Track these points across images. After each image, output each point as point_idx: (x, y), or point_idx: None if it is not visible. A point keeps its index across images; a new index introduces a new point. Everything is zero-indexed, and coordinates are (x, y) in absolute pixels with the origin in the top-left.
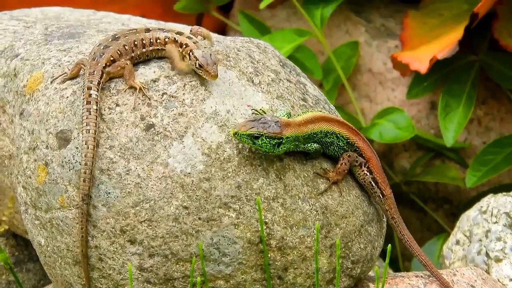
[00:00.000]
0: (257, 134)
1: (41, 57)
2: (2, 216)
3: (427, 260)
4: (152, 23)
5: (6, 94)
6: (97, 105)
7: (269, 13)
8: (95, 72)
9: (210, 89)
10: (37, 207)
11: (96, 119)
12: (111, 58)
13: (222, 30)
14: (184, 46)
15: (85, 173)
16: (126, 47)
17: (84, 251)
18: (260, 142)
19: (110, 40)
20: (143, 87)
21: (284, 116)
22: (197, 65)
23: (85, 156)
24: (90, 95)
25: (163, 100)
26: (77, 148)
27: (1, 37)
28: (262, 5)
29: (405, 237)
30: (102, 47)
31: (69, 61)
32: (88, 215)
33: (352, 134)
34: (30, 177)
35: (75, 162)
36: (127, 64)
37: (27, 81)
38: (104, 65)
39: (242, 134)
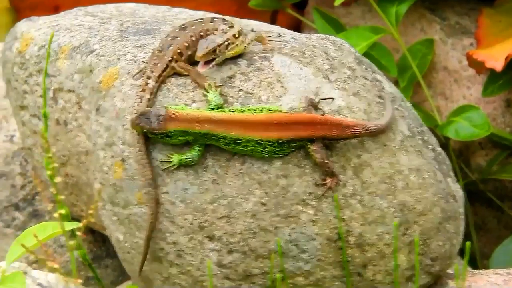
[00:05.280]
0: (143, 130)
1: (116, 53)
2: (80, 211)
3: None
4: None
5: (82, 90)
6: (150, 95)
7: (344, 10)
8: (159, 64)
9: (286, 85)
10: (115, 203)
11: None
12: (178, 51)
13: (297, 27)
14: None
15: (142, 159)
16: (193, 38)
17: (148, 235)
18: (149, 134)
19: (177, 30)
20: (214, 85)
21: (212, 108)
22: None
23: (137, 143)
24: (146, 83)
25: (240, 97)
26: (153, 144)
27: (77, 33)
28: (337, 3)
29: None
30: (169, 38)
31: (144, 57)
32: (166, 211)
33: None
34: (107, 173)
35: (151, 158)
36: (190, 70)
37: (102, 77)
38: (170, 58)
39: (133, 129)
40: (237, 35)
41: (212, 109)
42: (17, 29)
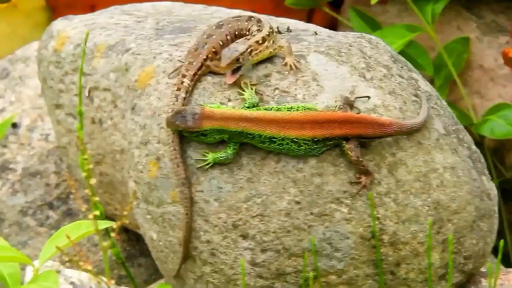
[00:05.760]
0: (178, 128)
1: (152, 51)
2: (114, 210)
3: None
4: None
5: (118, 88)
6: (186, 94)
7: (380, 9)
8: (194, 63)
9: (322, 84)
10: (149, 201)
11: (181, 107)
12: (213, 50)
13: (333, 25)
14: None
15: (175, 158)
16: (228, 37)
17: (186, 236)
18: (184, 133)
19: (214, 28)
20: (250, 83)
21: (247, 106)
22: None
23: (172, 142)
24: (182, 82)
25: (275, 95)
26: (188, 143)
27: (112, 31)
28: (373, 1)
29: None
30: (205, 36)
31: (180, 56)
32: (200, 209)
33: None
34: (142, 172)
35: (186, 157)
36: (223, 67)
37: (138, 75)
38: (205, 57)
39: (169, 128)
40: (260, 41)
41: (248, 107)
42: (53, 27)
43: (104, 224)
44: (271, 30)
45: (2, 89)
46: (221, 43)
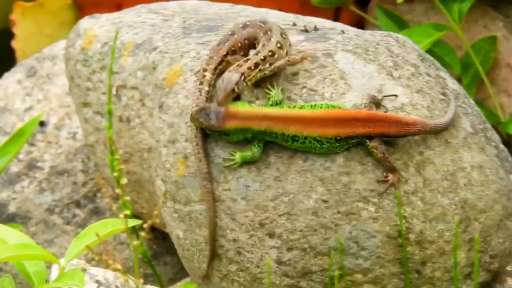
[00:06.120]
0: (202, 126)
1: (179, 50)
2: (141, 208)
3: None
4: (289, 17)
5: (145, 87)
6: (209, 87)
7: (407, 7)
8: (214, 58)
9: (350, 82)
10: (176, 200)
11: (206, 101)
12: (232, 48)
13: (360, 24)
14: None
15: (198, 153)
16: (247, 41)
17: (212, 232)
18: (208, 131)
19: (240, 26)
20: (272, 84)
21: (270, 104)
22: None
23: (195, 137)
24: (204, 76)
25: (303, 94)
26: (216, 141)
27: (139, 30)
28: (400, 0)
29: None
30: (229, 33)
31: (207, 54)
32: (227, 207)
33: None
34: (169, 170)
35: (214, 156)
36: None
37: (166, 74)
38: (225, 53)
39: (193, 124)
40: (253, 67)
41: (271, 105)
42: (80, 26)
43: (132, 223)
44: (271, 51)
45: (30, 87)
46: (239, 45)
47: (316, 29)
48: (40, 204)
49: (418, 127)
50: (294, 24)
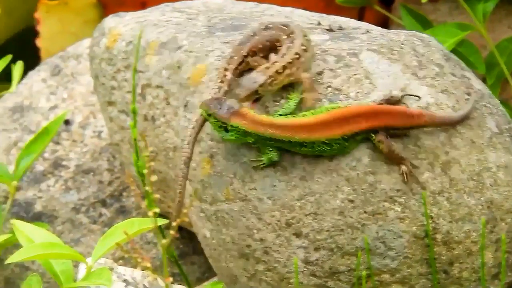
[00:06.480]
0: (209, 112)
1: (204, 49)
2: (167, 208)
3: None
4: (314, 16)
5: (171, 86)
6: (228, 87)
7: (431, 7)
8: (235, 58)
9: (375, 82)
10: (202, 199)
11: (222, 97)
12: (253, 49)
13: (385, 23)
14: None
15: (190, 136)
16: (268, 42)
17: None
18: (211, 119)
19: (262, 28)
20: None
21: (282, 114)
22: None
23: (195, 121)
24: (225, 75)
25: (328, 93)
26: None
27: (164, 29)
28: None
29: None
30: (250, 34)
31: (229, 54)
32: (253, 207)
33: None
34: (195, 170)
35: (240, 155)
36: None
37: (191, 73)
38: (245, 53)
39: (201, 109)
40: (280, 70)
41: (280, 115)
42: (104, 24)
43: (160, 222)
44: (297, 54)
45: (54, 86)
46: (260, 46)
47: (341, 28)
48: (66, 203)
49: (424, 118)
50: (319, 24)
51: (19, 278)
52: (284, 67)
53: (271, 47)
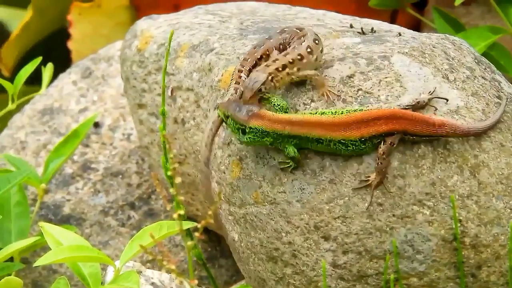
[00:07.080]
0: (227, 114)
1: (236, 51)
2: (196, 211)
3: None
4: (346, 19)
5: (201, 88)
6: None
7: (463, 10)
8: (249, 60)
9: (405, 85)
10: (231, 202)
11: (240, 99)
12: (267, 52)
13: (417, 26)
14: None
15: (208, 137)
16: (281, 46)
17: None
18: (229, 121)
19: (277, 31)
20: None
21: (277, 108)
22: None
23: (213, 123)
24: (240, 76)
25: (358, 96)
26: (272, 145)
27: (197, 31)
28: (457, 2)
29: None
30: (266, 37)
31: (244, 56)
32: (282, 210)
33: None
34: (224, 172)
35: (269, 158)
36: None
37: (222, 75)
38: (259, 56)
39: (219, 110)
40: (280, 68)
41: (280, 111)
42: (137, 27)
43: (187, 225)
44: (300, 55)
45: (85, 88)
46: (273, 49)
47: (373, 31)
48: (95, 206)
49: (445, 128)
50: (351, 26)
51: (46, 281)
52: (284, 66)
53: (284, 50)
